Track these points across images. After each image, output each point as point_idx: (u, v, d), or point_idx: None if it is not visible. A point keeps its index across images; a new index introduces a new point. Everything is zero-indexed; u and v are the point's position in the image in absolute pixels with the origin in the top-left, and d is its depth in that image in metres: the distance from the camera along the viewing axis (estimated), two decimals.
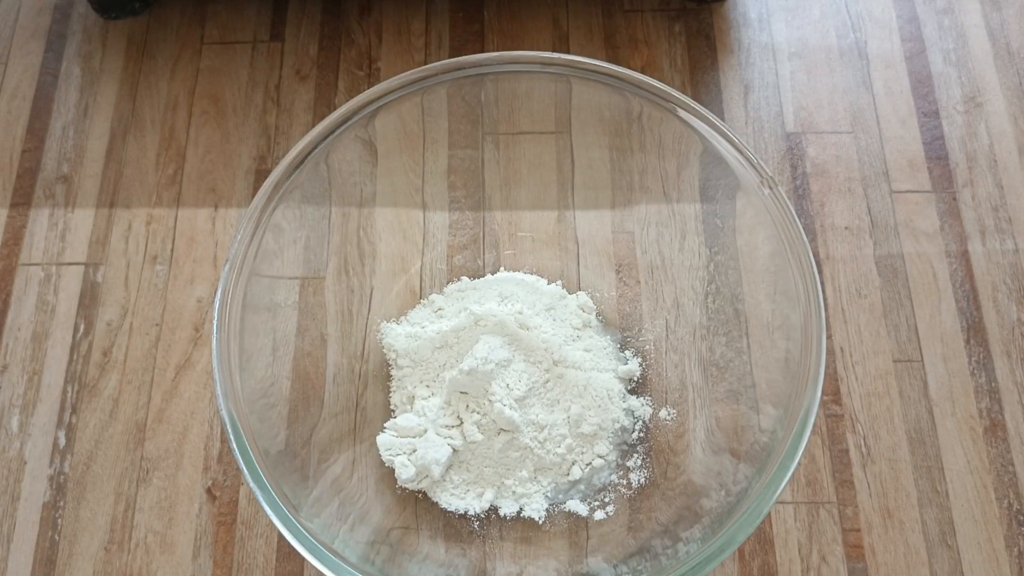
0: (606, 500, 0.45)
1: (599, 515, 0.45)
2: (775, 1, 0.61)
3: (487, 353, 0.44)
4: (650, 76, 0.44)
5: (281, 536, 0.37)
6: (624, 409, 0.46)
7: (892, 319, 0.51)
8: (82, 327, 0.52)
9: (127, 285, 0.53)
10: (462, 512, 0.45)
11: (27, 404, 0.50)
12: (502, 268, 0.52)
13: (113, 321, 0.52)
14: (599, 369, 0.47)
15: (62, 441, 0.49)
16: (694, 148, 0.44)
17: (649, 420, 0.47)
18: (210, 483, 0.48)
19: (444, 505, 0.45)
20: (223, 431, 0.49)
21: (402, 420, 0.45)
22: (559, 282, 0.51)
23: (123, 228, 0.54)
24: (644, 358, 0.49)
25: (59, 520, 0.47)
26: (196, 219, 0.55)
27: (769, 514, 0.40)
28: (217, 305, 0.40)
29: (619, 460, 0.46)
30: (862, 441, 0.48)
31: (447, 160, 0.51)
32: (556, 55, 0.44)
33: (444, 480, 0.45)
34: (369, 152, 0.47)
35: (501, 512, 0.45)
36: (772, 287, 0.43)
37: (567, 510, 0.45)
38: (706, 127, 0.43)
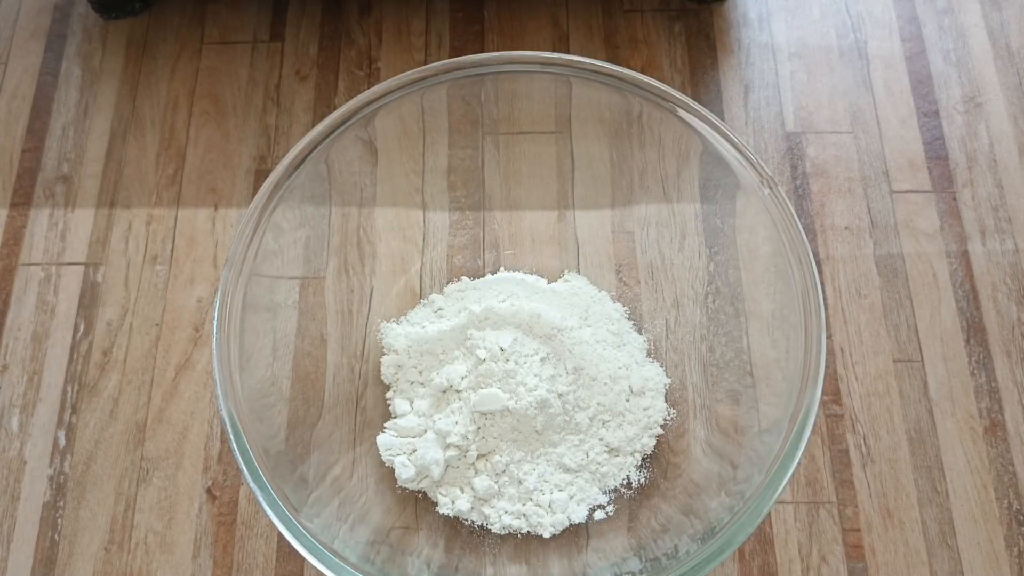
0: (606, 500, 0.45)
1: (599, 515, 0.45)
2: (775, 1, 0.61)
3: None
4: (650, 76, 0.44)
5: (281, 536, 0.37)
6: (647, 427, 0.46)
7: (892, 319, 0.51)
8: (82, 327, 0.52)
9: (127, 285, 0.53)
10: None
11: (27, 404, 0.50)
12: (502, 268, 0.52)
13: (113, 321, 0.52)
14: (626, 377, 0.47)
15: (62, 441, 0.49)
16: (694, 148, 0.44)
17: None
18: (210, 483, 0.48)
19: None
20: (223, 431, 0.49)
21: (402, 420, 0.45)
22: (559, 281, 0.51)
23: (123, 228, 0.54)
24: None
25: (59, 520, 0.47)
26: (196, 219, 0.55)
27: (769, 514, 0.40)
28: (217, 305, 0.40)
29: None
30: (862, 441, 0.48)
31: (447, 160, 0.51)
32: (556, 55, 0.44)
33: (444, 480, 0.45)
34: (369, 152, 0.47)
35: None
36: (772, 287, 0.43)
37: (567, 511, 0.45)
38: (706, 127, 0.43)
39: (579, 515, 0.44)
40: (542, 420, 0.44)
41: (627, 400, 0.46)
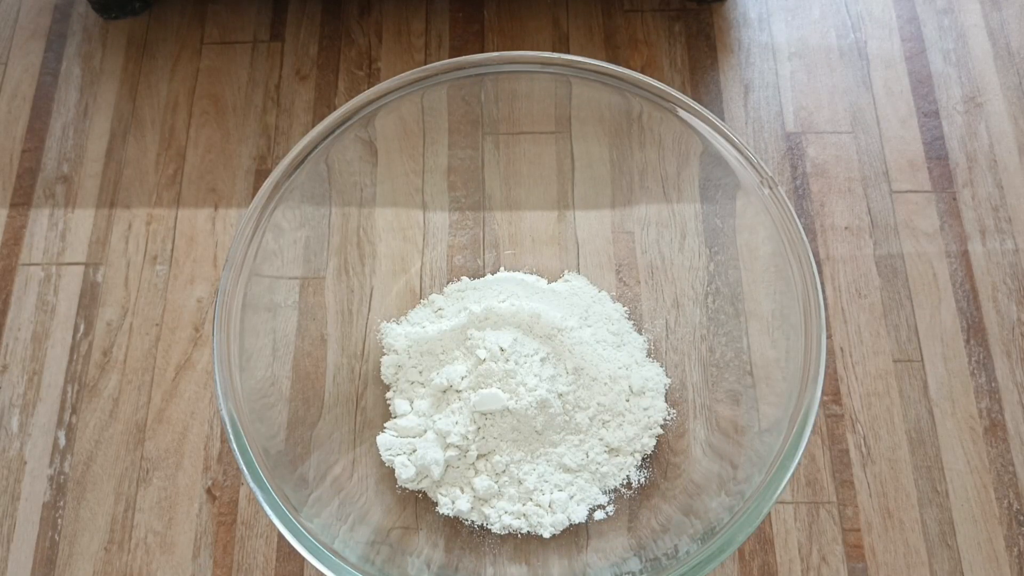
0: (606, 500, 0.45)
1: (599, 515, 0.45)
2: (775, 1, 0.61)
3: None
4: (650, 76, 0.44)
5: (281, 536, 0.37)
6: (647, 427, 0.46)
7: (892, 319, 0.51)
8: (82, 327, 0.52)
9: (127, 285, 0.53)
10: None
11: (27, 404, 0.50)
12: (502, 268, 0.52)
13: (113, 321, 0.52)
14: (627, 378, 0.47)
15: (62, 441, 0.49)
16: (694, 148, 0.44)
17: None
18: (210, 483, 0.48)
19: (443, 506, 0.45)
20: (223, 431, 0.49)
21: (402, 420, 0.45)
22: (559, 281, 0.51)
23: (123, 228, 0.54)
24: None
25: (59, 520, 0.47)
26: (196, 219, 0.55)
27: (769, 514, 0.40)
28: (217, 305, 0.40)
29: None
30: (862, 441, 0.48)
31: (447, 160, 0.51)
32: (556, 55, 0.44)
33: (444, 480, 0.45)
34: (369, 152, 0.47)
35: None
36: (772, 287, 0.43)
37: (567, 511, 0.45)
38: (706, 127, 0.43)
39: (579, 515, 0.44)
40: (542, 420, 0.44)
41: (627, 400, 0.46)
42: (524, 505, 0.44)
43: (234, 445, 0.37)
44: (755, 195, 0.42)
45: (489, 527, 0.44)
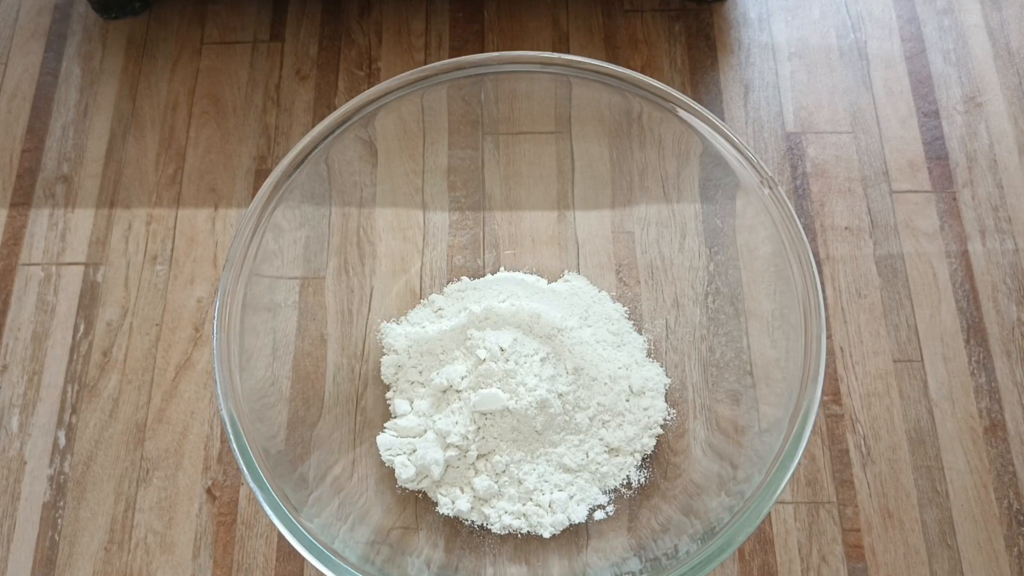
0: (606, 500, 0.45)
1: (599, 515, 0.45)
2: (775, 1, 0.61)
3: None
4: (650, 76, 0.44)
5: (281, 536, 0.37)
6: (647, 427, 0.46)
7: (892, 319, 0.51)
8: (82, 327, 0.52)
9: (127, 285, 0.53)
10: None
11: (27, 404, 0.50)
12: (502, 268, 0.52)
13: (113, 321, 0.52)
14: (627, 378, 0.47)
15: (62, 441, 0.49)
16: (694, 148, 0.44)
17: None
18: (210, 483, 0.48)
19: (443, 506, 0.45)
20: (223, 431, 0.49)
21: (402, 420, 0.45)
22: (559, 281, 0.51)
23: (123, 228, 0.54)
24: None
25: (59, 520, 0.47)
26: (196, 219, 0.55)
27: (769, 514, 0.40)
28: (217, 305, 0.40)
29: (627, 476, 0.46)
30: (862, 441, 0.48)
31: (447, 160, 0.51)
32: (556, 55, 0.44)
33: (444, 480, 0.45)
34: (369, 152, 0.47)
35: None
36: (772, 287, 0.43)
37: (567, 511, 0.45)
38: (706, 127, 0.43)
39: (579, 515, 0.44)
40: (542, 420, 0.44)
41: (627, 400, 0.46)
42: (524, 505, 0.44)
43: (234, 445, 0.37)
44: (755, 195, 0.42)
45: (489, 527, 0.44)
